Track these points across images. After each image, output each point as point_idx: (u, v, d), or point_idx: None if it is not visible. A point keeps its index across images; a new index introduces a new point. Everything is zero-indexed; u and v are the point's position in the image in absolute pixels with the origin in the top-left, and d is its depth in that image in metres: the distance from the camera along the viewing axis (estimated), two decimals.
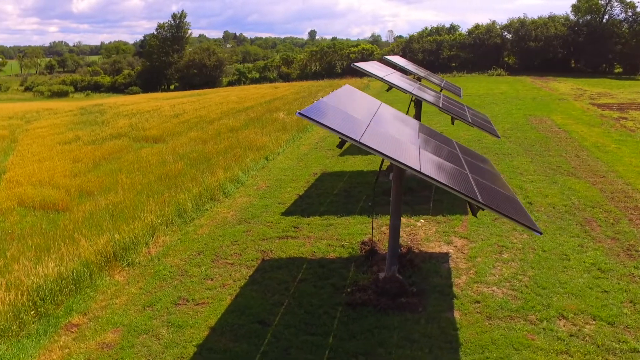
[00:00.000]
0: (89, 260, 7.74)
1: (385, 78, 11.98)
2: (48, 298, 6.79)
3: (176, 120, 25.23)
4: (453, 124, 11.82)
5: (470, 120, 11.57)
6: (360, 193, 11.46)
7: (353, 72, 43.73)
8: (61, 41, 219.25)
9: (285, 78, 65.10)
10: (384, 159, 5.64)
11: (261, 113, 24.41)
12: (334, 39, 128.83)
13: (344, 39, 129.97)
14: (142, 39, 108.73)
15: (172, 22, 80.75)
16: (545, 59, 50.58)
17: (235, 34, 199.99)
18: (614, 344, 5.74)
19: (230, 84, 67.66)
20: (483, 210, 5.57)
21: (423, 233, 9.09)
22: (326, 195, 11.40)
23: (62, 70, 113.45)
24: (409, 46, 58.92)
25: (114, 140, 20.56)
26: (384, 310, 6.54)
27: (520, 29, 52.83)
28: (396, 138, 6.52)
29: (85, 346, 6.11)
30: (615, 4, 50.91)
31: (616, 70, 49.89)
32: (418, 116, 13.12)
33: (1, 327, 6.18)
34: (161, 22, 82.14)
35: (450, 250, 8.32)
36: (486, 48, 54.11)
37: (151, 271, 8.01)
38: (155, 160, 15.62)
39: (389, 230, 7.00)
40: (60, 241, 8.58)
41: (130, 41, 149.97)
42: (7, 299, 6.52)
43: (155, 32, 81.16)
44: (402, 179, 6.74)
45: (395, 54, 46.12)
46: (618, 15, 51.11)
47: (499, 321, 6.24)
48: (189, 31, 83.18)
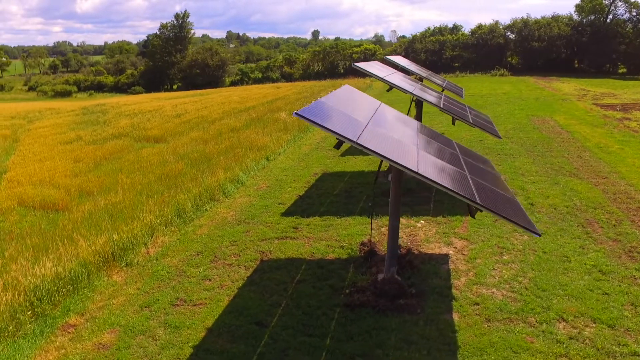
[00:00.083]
0: (87, 260, 7.72)
1: (385, 78, 11.94)
2: (45, 298, 6.77)
3: (178, 120, 25.23)
4: (454, 124, 11.77)
5: (472, 120, 11.51)
6: (361, 193, 11.41)
7: (356, 72, 43.67)
8: (65, 41, 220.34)
9: (288, 78, 65.14)
10: (383, 160, 5.59)
11: (263, 113, 24.39)
12: (337, 39, 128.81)
13: (347, 39, 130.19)
14: (146, 39, 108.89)
15: (175, 22, 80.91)
16: (549, 59, 50.43)
17: (238, 34, 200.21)
18: (614, 347, 5.67)
19: (233, 84, 67.73)
20: (481, 211, 5.52)
21: (423, 234, 9.04)
22: (326, 196, 11.35)
23: (66, 70, 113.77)
24: (411, 46, 58.83)
25: (115, 140, 20.57)
26: (383, 311, 6.49)
27: (524, 29, 52.67)
28: (395, 139, 6.47)
29: (81, 347, 6.09)
30: (620, 3, 50.76)
31: (620, 71, 49.67)
32: (419, 116, 13.06)
33: None
34: (164, 22, 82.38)
35: (450, 252, 8.26)
36: (489, 48, 53.98)
37: (149, 271, 7.99)
38: (155, 160, 15.61)
39: (387, 232, 6.95)
40: (59, 241, 8.57)
41: (134, 41, 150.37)
42: (4, 299, 6.51)
43: (158, 32, 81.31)
44: (401, 180, 6.69)
45: (397, 54, 46.03)
46: (622, 15, 50.98)
47: (498, 323, 6.18)
48: (192, 31, 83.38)
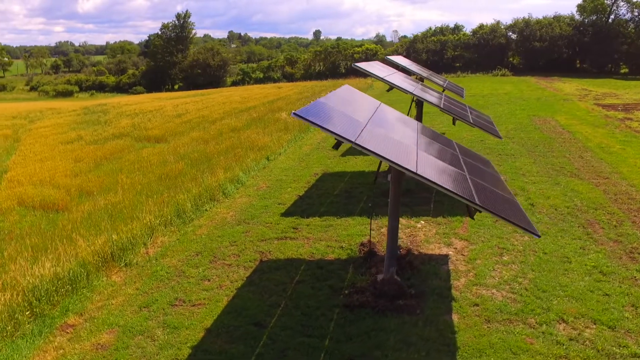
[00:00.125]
0: (86, 260, 7.71)
1: (386, 78, 11.91)
2: (44, 298, 6.76)
3: (178, 120, 25.23)
4: (454, 124, 11.74)
5: (472, 121, 11.48)
6: (361, 194, 11.38)
7: (357, 73, 43.61)
8: (67, 41, 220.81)
9: (289, 78, 65.15)
10: (382, 160, 5.56)
11: (264, 113, 24.38)
12: (339, 39, 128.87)
13: (349, 39, 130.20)
14: (147, 38, 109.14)
15: (177, 22, 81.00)
16: (550, 59, 50.35)
17: (240, 34, 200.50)
18: (614, 348, 5.64)
19: (234, 84, 67.77)
20: (480, 212, 5.49)
21: (423, 234, 9.01)
22: (326, 196, 11.33)
23: (68, 70, 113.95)
24: (413, 46, 58.79)
25: (116, 140, 20.57)
26: (382, 312, 6.46)
27: (525, 29, 52.59)
28: (394, 139, 6.44)
29: (79, 347, 6.08)
30: (622, 3, 50.66)
31: (622, 71, 49.56)
32: (419, 117, 13.03)
33: None
34: (166, 22, 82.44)
35: (450, 252, 8.23)
36: (490, 48, 53.92)
37: (148, 272, 7.97)
38: (156, 160, 15.60)
39: (387, 232, 6.93)
40: (58, 241, 8.56)
41: (135, 41, 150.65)
42: (3, 299, 6.50)
43: (159, 32, 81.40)
44: (401, 180, 6.67)
45: (399, 54, 46.00)
46: (624, 15, 50.87)
47: (498, 324, 6.15)
48: (193, 31, 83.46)
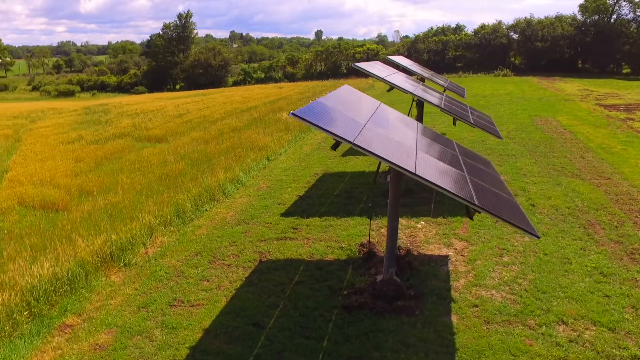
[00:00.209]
0: (85, 260, 7.70)
1: (386, 78, 11.88)
2: (42, 298, 6.75)
3: (179, 120, 25.23)
4: (455, 124, 11.71)
5: (473, 121, 11.44)
6: (362, 194, 11.35)
7: (358, 73, 43.53)
8: (69, 41, 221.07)
9: (291, 78, 65.14)
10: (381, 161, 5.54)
11: (264, 113, 24.37)
12: (341, 39, 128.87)
13: (351, 39, 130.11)
14: (149, 38, 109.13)
15: (178, 22, 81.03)
16: (552, 59, 50.25)
17: (241, 34, 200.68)
18: (614, 350, 5.60)
19: (236, 83, 67.78)
20: (479, 213, 5.46)
21: (423, 235, 8.98)
22: (327, 196, 11.31)
23: (69, 70, 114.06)
24: (414, 46, 58.74)
25: (116, 139, 20.57)
26: (380, 313, 6.44)
27: (527, 29, 52.50)
28: (393, 139, 6.42)
29: (77, 347, 6.07)
30: (624, 3, 50.53)
31: (624, 71, 49.45)
32: (420, 117, 12.99)
33: None
34: (167, 22, 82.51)
35: (450, 253, 8.20)
36: (492, 48, 53.85)
37: (147, 272, 7.96)
38: (156, 160, 15.60)
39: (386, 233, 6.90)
40: (57, 241, 8.55)
41: (137, 41, 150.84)
42: (1, 299, 6.49)
43: (161, 32, 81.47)
44: (400, 181, 6.64)
45: (400, 54, 45.95)
46: (626, 15, 50.76)
47: (497, 326, 6.12)
48: (195, 31, 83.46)
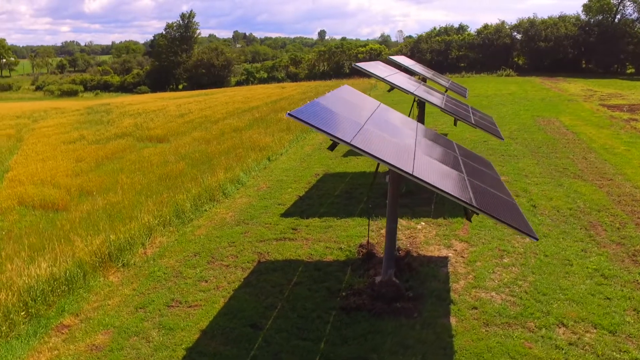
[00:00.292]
0: (83, 260, 7.68)
1: (387, 78, 11.83)
2: (39, 299, 6.73)
3: (181, 120, 25.23)
4: (455, 125, 11.65)
5: (474, 121, 11.38)
6: (362, 195, 11.30)
7: (361, 73, 43.43)
8: (73, 41, 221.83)
9: (294, 78, 65.14)
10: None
11: (266, 113, 24.34)
12: (344, 39, 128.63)
13: (354, 39, 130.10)
14: (152, 38, 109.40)
15: (181, 22, 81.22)
16: (556, 60, 50.10)
17: (245, 33, 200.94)
18: (614, 353, 5.54)
19: (239, 83, 67.85)
20: (478, 214, 5.41)
21: (423, 236, 8.93)
22: (327, 197, 11.26)
23: (73, 69, 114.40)
24: (417, 46, 58.68)
25: (118, 139, 20.59)
26: (379, 315, 6.38)
27: (530, 29, 52.35)
28: (392, 140, 6.37)
29: (74, 348, 6.04)
30: (628, 3, 50.40)
31: (628, 71, 49.26)
32: (421, 117, 12.93)
33: None
34: (170, 22, 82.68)
35: (450, 254, 8.14)
36: (495, 48, 53.72)
37: (146, 272, 7.93)
38: (157, 160, 15.59)
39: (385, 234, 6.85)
40: (56, 241, 8.53)
41: (141, 41, 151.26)
42: None
43: (164, 32, 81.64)
44: (399, 182, 6.59)
45: (403, 54, 45.84)
46: (630, 15, 50.60)
47: (496, 328, 6.06)
48: (198, 31, 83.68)
